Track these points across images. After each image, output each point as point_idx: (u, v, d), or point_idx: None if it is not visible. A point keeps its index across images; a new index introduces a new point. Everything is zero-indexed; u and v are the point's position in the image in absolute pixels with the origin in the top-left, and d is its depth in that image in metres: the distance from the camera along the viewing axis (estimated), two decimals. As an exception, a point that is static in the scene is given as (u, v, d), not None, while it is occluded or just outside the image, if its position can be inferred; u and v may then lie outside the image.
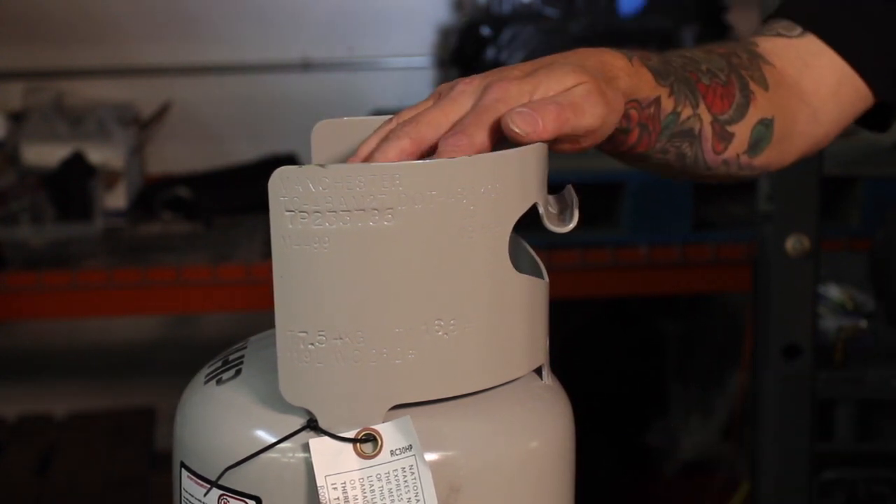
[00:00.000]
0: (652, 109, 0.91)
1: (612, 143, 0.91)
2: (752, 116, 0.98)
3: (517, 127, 0.76)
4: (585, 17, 2.61)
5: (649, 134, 0.92)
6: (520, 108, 0.78)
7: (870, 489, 1.86)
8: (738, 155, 0.98)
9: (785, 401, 1.77)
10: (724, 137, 0.97)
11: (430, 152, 0.79)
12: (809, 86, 1.03)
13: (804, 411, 1.77)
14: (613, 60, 0.88)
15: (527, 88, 0.80)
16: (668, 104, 0.92)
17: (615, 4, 2.67)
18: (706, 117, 0.95)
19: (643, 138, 0.92)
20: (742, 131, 0.98)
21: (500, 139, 0.80)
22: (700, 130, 0.95)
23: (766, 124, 0.99)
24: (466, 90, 0.81)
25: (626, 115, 0.89)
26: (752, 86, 0.99)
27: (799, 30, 1.04)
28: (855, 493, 1.86)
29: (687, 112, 0.94)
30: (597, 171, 2.36)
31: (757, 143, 0.99)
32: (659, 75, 0.91)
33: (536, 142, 0.77)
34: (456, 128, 0.79)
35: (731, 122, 0.97)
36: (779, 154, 1.02)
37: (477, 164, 0.76)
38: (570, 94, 0.80)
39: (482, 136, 0.78)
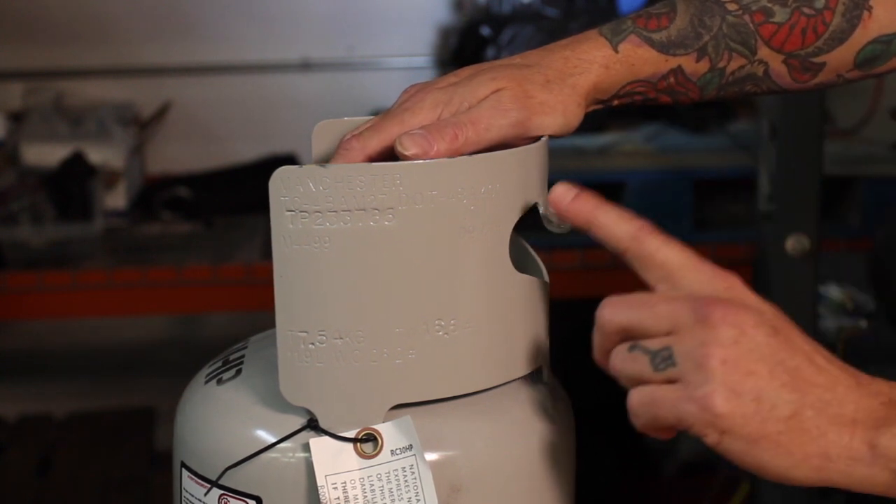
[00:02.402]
0: (672, 79, 0.89)
1: (648, 106, 0.90)
2: (860, 39, 0.93)
3: (406, 150, 0.76)
4: (585, 16, 2.61)
5: (685, 94, 0.90)
6: (416, 130, 0.78)
7: (870, 489, 1.85)
8: (839, 75, 0.94)
9: (785, 401, 1.77)
10: (807, 69, 0.93)
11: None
12: None
13: (804, 411, 1.77)
14: (587, 54, 0.86)
15: (442, 98, 0.81)
16: (698, 67, 0.89)
17: (615, 4, 2.67)
18: (775, 58, 0.91)
19: (680, 98, 0.90)
20: (839, 57, 0.93)
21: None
22: (767, 71, 0.92)
23: (883, 41, 0.94)
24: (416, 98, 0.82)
25: (636, 93, 0.88)
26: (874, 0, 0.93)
27: None
28: (855, 492, 1.86)
29: (736, 64, 0.90)
30: (597, 171, 2.36)
31: (869, 60, 0.94)
32: (674, 46, 0.89)
33: None
34: (356, 132, 0.80)
35: (818, 53, 0.92)
36: None
37: (477, 165, 0.76)
38: (477, 108, 0.80)
39: (374, 143, 0.78)
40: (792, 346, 0.68)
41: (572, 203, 0.75)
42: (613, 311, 0.71)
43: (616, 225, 0.74)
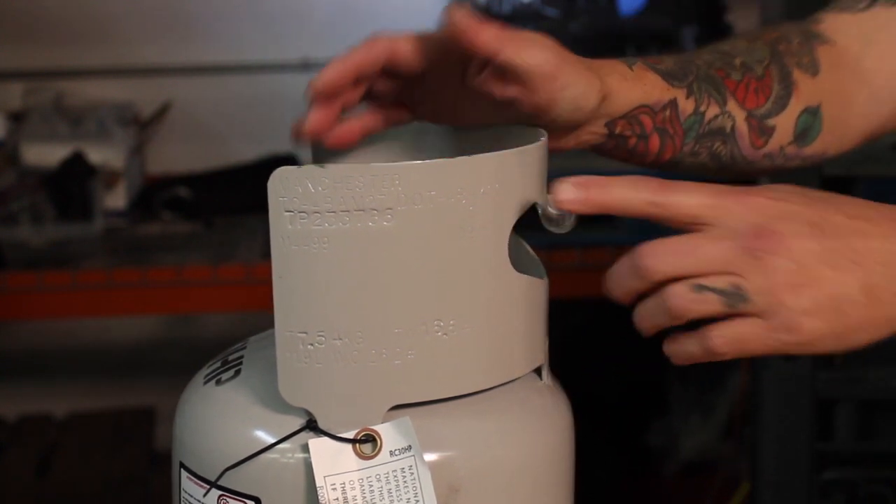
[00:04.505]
0: (668, 112, 0.90)
1: (634, 154, 0.91)
2: (795, 106, 0.96)
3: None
4: (585, 17, 2.61)
5: (672, 138, 0.91)
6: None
7: (870, 489, 1.86)
8: (781, 147, 0.97)
9: (785, 401, 1.77)
10: (763, 132, 0.95)
11: None
12: (872, 63, 1.00)
13: (804, 411, 1.77)
14: (610, 65, 0.87)
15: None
16: (687, 105, 0.91)
17: (615, 4, 2.67)
18: (739, 114, 0.94)
19: (666, 143, 0.91)
20: (784, 123, 0.96)
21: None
22: (733, 128, 0.94)
23: (811, 112, 0.97)
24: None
25: (638, 122, 0.88)
26: (796, 74, 0.97)
27: (865, 2, 1.00)
28: (855, 493, 1.86)
29: (713, 111, 0.93)
30: (597, 172, 2.35)
31: (804, 133, 0.97)
32: (672, 77, 0.90)
33: None
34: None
35: (770, 115, 0.95)
36: (836, 139, 0.99)
37: (477, 165, 0.76)
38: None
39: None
40: (836, 231, 0.73)
41: (582, 197, 0.76)
42: (658, 261, 0.73)
43: (631, 199, 0.75)
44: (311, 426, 0.75)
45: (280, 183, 0.73)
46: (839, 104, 0.99)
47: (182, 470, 0.80)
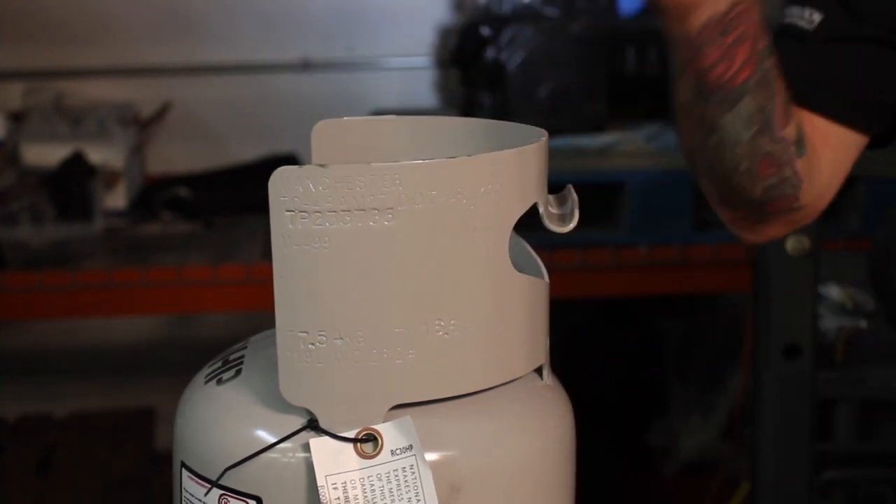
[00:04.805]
0: (758, 29, 0.97)
1: (725, 55, 0.96)
2: (795, 116, 1.02)
3: None
4: (585, 17, 2.61)
5: (755, 55, 0.96)
6: None
7: (870, 489, 1.86)
8: (791, 143, 1.01)
9: (785, 401, 1.77)
10: (788, 113, 1.00)
11: None
12: (807, 128, 1.05)
13: (804, 411, 1.77)
14: None
15: None
16: (765, 38, 0.97)
17: (615, 4, 2.67)
18: (780, 84, 0.99)
19: (750, 58, 0.96)
20: (797, 121, 1.02)
21: None
22: (776, 92, 0.99)
23: (800, 129, 1.03)
24: None
25: (748, 16, 0.95)
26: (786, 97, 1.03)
27: None
28: (855, 493, 1.86)
29: (771, 61, 0.98)
30: (597, 171, 2.36)
31: (800, 141, 1.02)
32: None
33: None
34: None
35: (789, 104, 1.01)
36: (808, 170, 1.04)
37: (477, 165, 0.76)
38: None
39: None
40: None
41: None
42: None
43: None
44: (312, 426, 0.75)
45: (281, 182, 0.73)
46: (808, 147, 1.04)
47: (183, 469, 0.80)
